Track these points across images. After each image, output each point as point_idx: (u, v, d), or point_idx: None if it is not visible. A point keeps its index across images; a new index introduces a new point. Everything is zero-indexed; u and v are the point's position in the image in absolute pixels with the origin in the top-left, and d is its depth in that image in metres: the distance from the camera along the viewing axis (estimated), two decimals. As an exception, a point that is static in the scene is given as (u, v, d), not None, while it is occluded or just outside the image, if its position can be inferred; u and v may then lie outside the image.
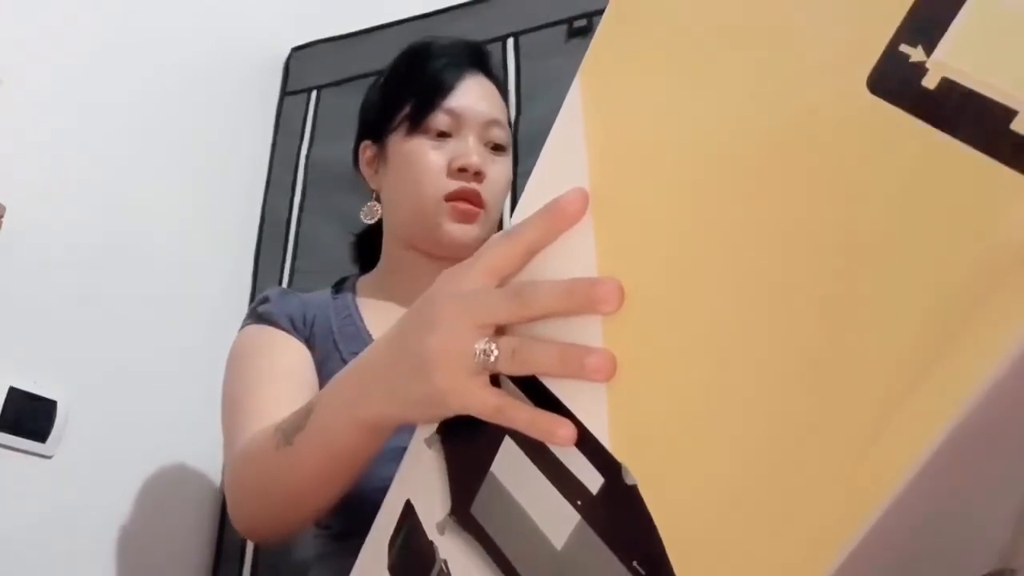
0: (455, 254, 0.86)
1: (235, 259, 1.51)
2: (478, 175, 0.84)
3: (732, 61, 0.33)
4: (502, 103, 0.91)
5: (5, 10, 1.15)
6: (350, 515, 0.62)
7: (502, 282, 0.41)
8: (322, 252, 1.43)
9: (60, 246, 1.18)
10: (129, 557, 1.21)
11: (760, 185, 0.31)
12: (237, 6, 1.54)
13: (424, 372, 0.42)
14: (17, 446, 1.09)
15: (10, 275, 1.11)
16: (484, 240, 0.86)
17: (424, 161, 0.84)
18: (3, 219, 1.08)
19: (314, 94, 1.59)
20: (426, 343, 0.42)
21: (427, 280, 0.86)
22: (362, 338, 0.84)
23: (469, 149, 0.84)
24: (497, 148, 0.88)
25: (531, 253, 0.40)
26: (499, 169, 0.88)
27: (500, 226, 1.28)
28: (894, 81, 0.27)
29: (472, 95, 0.87)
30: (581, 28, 1.32)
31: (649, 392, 0.34)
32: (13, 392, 1.09)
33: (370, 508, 0.53)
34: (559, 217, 0.38)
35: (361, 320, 0.86)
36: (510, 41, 1.39)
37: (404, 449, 0.50)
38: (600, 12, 1.33)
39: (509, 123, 0.92)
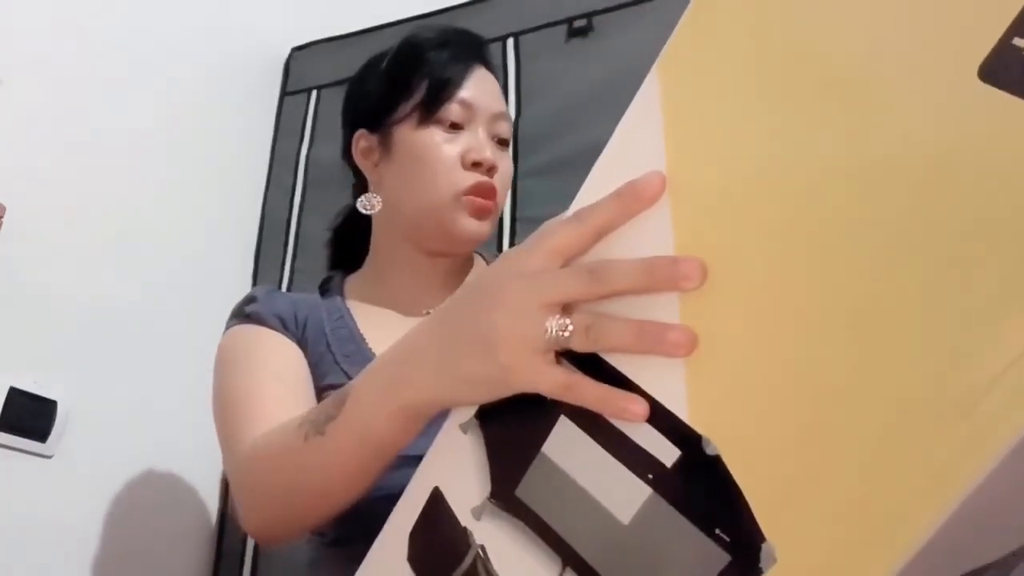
0: (463, 249, 0.86)
1: (235, 259, 1.51)
2: (492, 169, 0.83)
3: (828, 52, 0.35)
4: (504, 98, 0.91)
5: (5, 11, 1.15)
6: (346, 523, 0.61)
7: (566, 263, 0.41)
8: (322, 252, 1.42)
9: (60, 246, 1.18)
10: (129, 557, 1.21)
11: (849, 167, 0.33)
12: (237, 6, 1.54)
13: (487, 350, 0.42)
14: (17, 446, 1.09)
15: (10, 275, 1.11)
16: (488, 235, 0.86)
17: (438, 154, 0.82)
18: (3, 219, 1.08)
19: (314, 94, 1.59)
20: (490, 321, 0.42)
21: (420, 280, 0.87)
22: (355, 340, 0.83)
23: (483, 143, 0.84)
24: (502, 142, 0.87)
25: (600, 235, 0.40)
26: (506, 164, 0.87)
27: (500, 221, 1.28)
28: (1007, 70, 0.30)
29: (483, 87, 0.86)
30: (581, 28, 1.32)
31: (732, 366, 0.35)
32: (13, 392, 1.09)
33: (367, 517, 0.52)
34: (635, 199, 0.39)
35: (354, 321, 0.85)
36: (510, 41, 1.39)
37: (412, 457, 0.49)
38: (600, 12, 1.32)
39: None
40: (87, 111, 1.25)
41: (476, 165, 0.82)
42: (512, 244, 1.27)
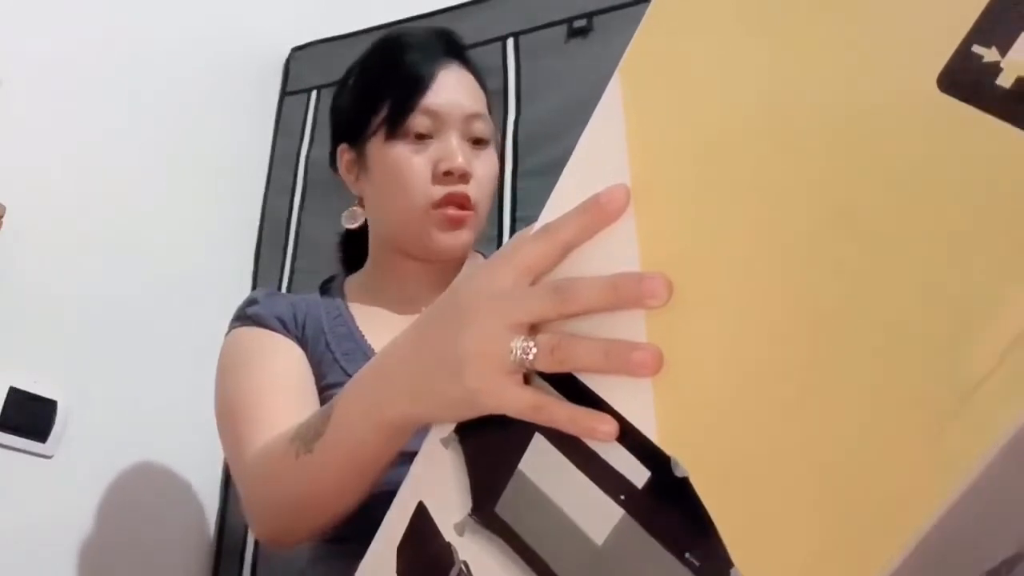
0: (446, 259, 0.85)
1: (235, 259, 1.51)
2: (464, 176, 0.81)
3: (787, 56, 0.33)
4: (481, 92, 0.87)
5: (5, 11, 1.15)
6: (347, 521, 0.61)
7: (535, 280, 0.41)
8: (322, 252, 1.42)
9: (60, 246, 1.18)
10: (129, 557, 1.21)
11: (816, 178, 0.32)
12: (237, 6, 1.54)
13: (456, 372, 0.42)
14: (17, 446, 1.09)
15: (10, 275, 1.11)
16: (472, 242, 0.85)
17: (407, 169, 0.81)
18: (3, 219, 1.08)
19: (314, 94, 1.59)
20: (457, 343, 0.42)
21: (416, 282, 0.87)
22: (355, 339, 0.83)
23: (453, 150, 0.81)
24: (480, 142, 0.84)
25: (567, 250, 0.40)
26: (484, 165, 0.84)
27: (500, 221, 1.28)
28: (966, 80, 0.28)
29: (450, 90, 0.83)
30: (581, 28, 1.32)
31: (699, 384, 0.34)
32: (13, 392, 1.09)
33: (367, 514, 0.53)
34: (600, 214, 0.38)
35: (353, 321, 0.85)
36: (510, 41, 1.39)
37: (407, 454, 0.49)
38: (600, 12, 1.30)
39: (489, 111, 0.87)
40: (87, 111, 1.25)
41: (447, 175, 0.80)
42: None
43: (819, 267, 0.31)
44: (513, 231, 1.28)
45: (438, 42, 0.85)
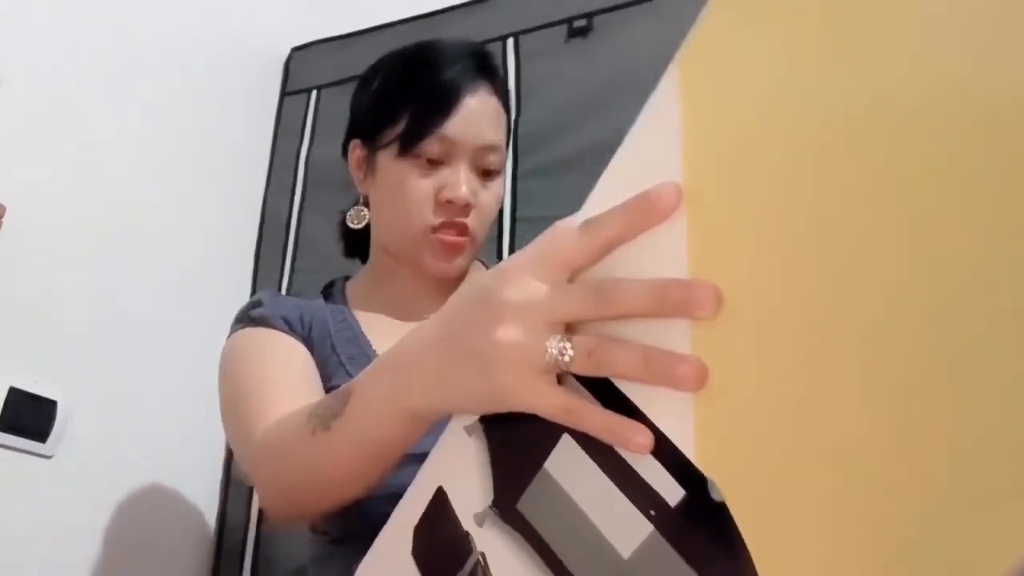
0: (438, 279, 0.86)
1: (235, 259, 1.51)
2: (466, 208, 0.81)
3: (861, 51, 0.31)
4: (502, 119, 0.86)
5: (5, 11, 1.15)
6: (349, 521, 0.61)
7: (573, 276, 0.39)
8: (322, 252, 1.43)
9: (60, 246, 1.18)
10: (129, 557, 1.21)
11: (885, 183, 0.29)
12: (237, 7, 1.54)
13: (486, 368, 0.40)
14: (17, 446, 1.09)
15: (10, 275, 1.11)
16: (466, 266, 0.86)
17: (412, 191, 0.81)
18: (3, 219, 1.08)
19: (314, 94, 1.59)
20: (490, 338, 0.40)
21: (415, 290, 0.87)
22: (359, 344, 0.83)
23: (459, 180, 0.81)
24: (489, 173, 0.84)
25: (609, 248, 0.38)
26: (488, 196, 0.84)
27: (500, 221, 1.28)
28: None
29: (470, 118, 0.81)
30: (581, 28, 1.32)
31: (742, 405, 0.32)
32: (13, 392, 1.09)
33: (368, 513, 0.52)
34: (648, 212, 0.36)
35: (358, 325, 0.86)
36: (510, 41, 1.39)
37: (411, 456, 0.49)
38: (600, 12, 1.31)
39: (509, 129, 0.87)
40: (87, 111, 1.24)
41: (450, 203, 0.81)
42: (512, 244, 1.27)
43: (875, 289, 0.29)
44: (513, 231, 1.28)
45: (470, 61, 0.84)
